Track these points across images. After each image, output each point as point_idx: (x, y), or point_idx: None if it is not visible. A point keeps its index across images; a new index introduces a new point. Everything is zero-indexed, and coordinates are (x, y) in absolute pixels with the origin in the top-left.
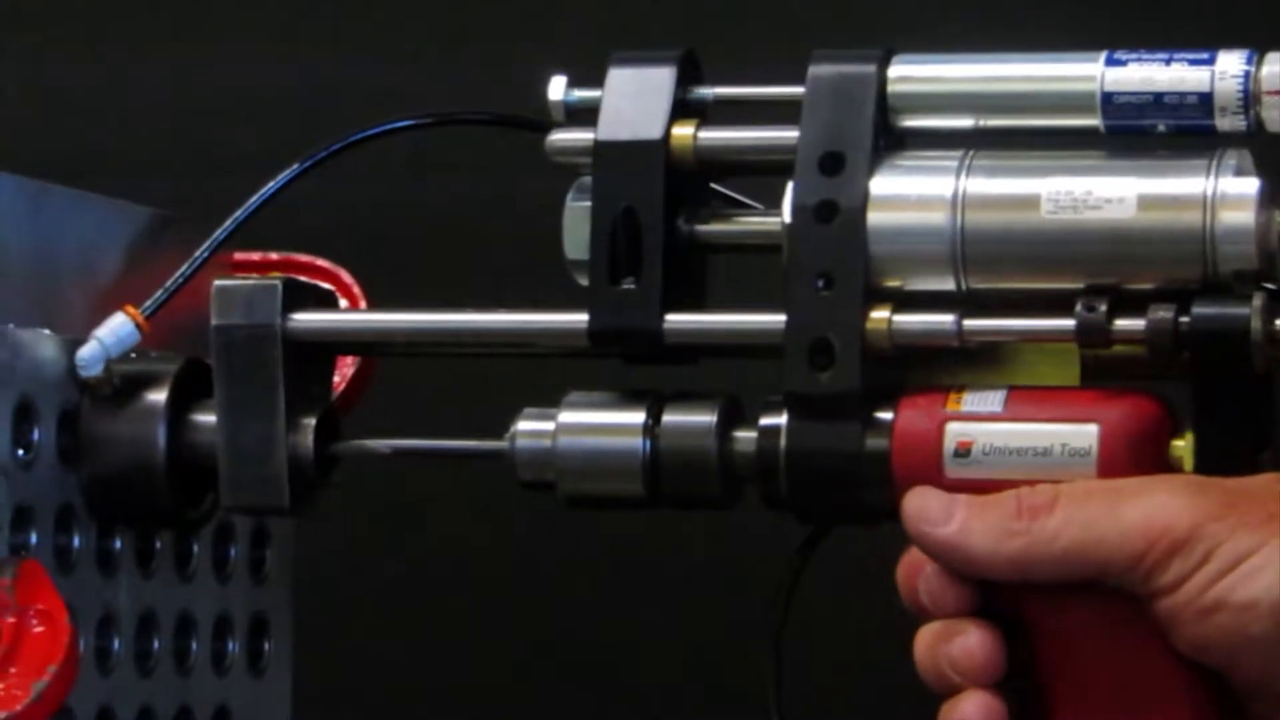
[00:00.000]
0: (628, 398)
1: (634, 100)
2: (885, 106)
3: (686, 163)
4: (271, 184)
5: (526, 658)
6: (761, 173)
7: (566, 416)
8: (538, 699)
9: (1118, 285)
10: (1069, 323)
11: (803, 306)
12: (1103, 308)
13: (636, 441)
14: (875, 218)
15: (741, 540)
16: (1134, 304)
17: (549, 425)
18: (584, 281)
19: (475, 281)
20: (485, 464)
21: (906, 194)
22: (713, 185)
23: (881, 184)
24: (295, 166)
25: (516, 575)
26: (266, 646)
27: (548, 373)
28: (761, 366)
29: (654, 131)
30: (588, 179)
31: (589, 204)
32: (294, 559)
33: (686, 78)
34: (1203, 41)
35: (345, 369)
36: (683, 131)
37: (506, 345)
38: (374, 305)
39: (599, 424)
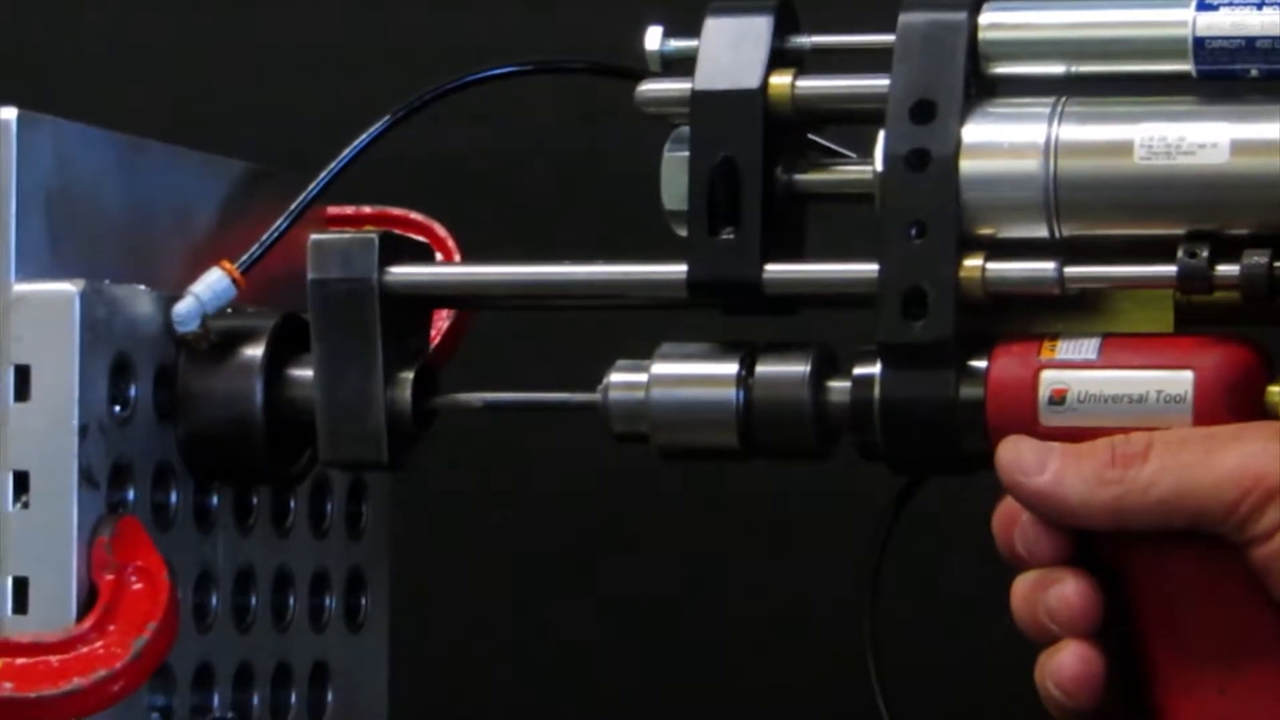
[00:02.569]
0: (721, 349)
1: (731, 50)
2: (976, 54)
3: (784, 112)
4: (363, 136)
5: (618, 614)
6: (859, 121)
7: (659, 368)
8: (623, 657)
9: (1217, 231)
10: (1170, 269)
11: (896, 255)
12: (1204, 254)
13: (730, 392)
14: (968, 165)
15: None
16: (1232, 249)
17: (642, 377)
18: (682, 232)
19: (568, 233)
20: (579, 416)
21: (999, 141)
22: (810, 136)
23: (973, 131)
24: (386, 118)
25: (606, 530)
26: (363, 602)
27: (635, 327)
28: (865, 316)
29: (752, 81)
30: (684, 129)
31: (686, 154)
32: (391, 514)
33: (783, 27)
34: None
35: (440, 323)
36: (780, 81)
37: (605, 297)
38: (468, 258)
39: (692, 375)
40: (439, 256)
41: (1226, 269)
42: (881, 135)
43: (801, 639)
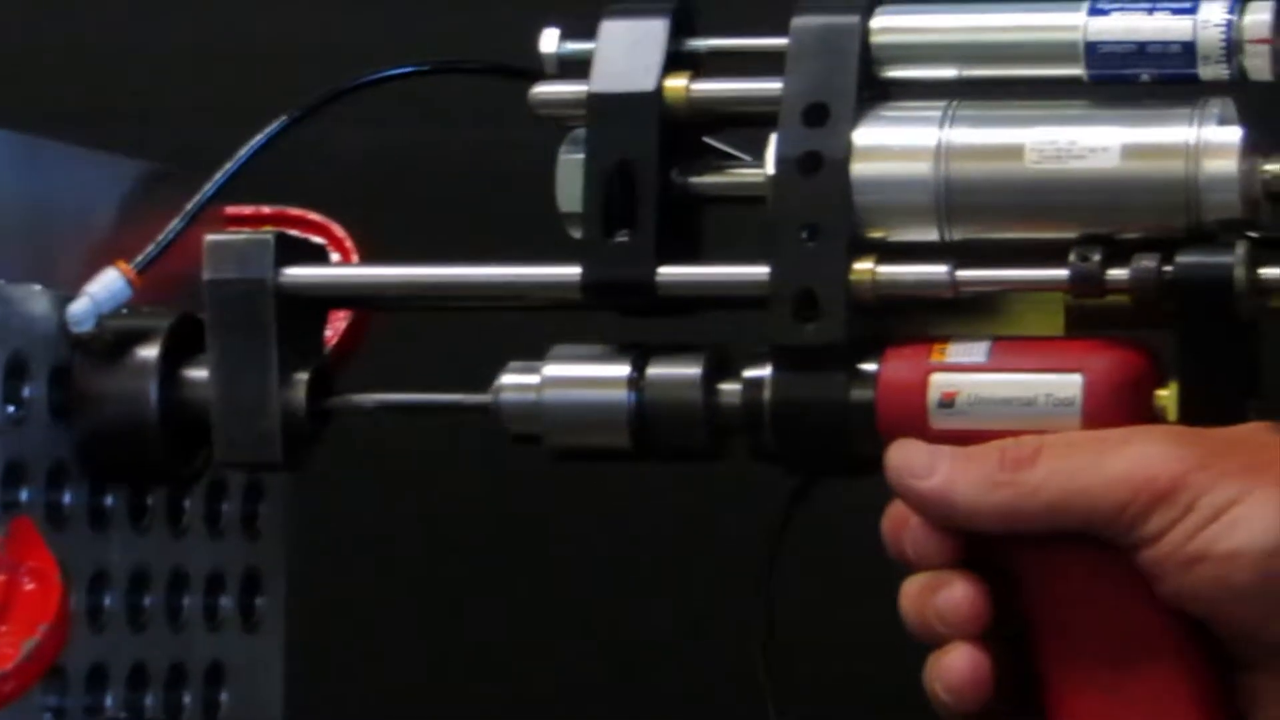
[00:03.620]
0: (614, 351)
1: (627, 52)
2: (869, 57)
3: (680, 114)
4: (259, 137)
5: (520, 616)
6: (754, 124)
7: (551, 370)
8: (531, 658)
9: (1109, 235)
10: (1062, 272)
11: (787, 258)
12: (1096, 257)
13: (622, 394)
14: (859, 168)
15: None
16: (1123, 253)
17: (534, 379)
18: (577, 234)
19: (468, 234)
20: (472, 418)
21: (890, 144)
22: (706, 139)
23: (865, 135)
24: (283, 118)
25: (511, 532)
26: (259, 602)
27: (547, 327)
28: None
29: (648, 83)
30: (581, 131)
31: (582, 156)
32: (289, 514)
33: (680, 29)
34: None
35: (338, 323)
36: (676, 83)
37: (499, 298)
38: (367, 259)
39: (584, 377)
40: (337, 257)
41: (1118, 272)
42: (774, 138)
43: (706, 639)
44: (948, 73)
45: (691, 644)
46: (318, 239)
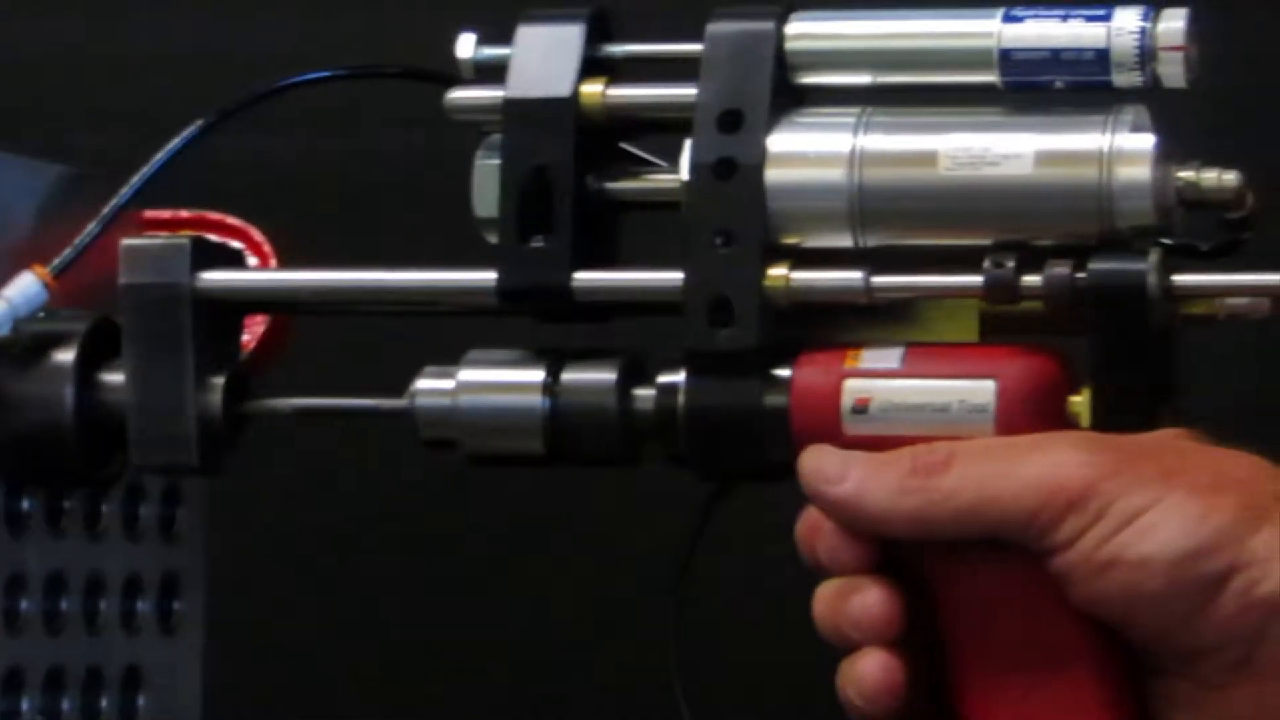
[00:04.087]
0: (529, 356)
1: (543, 58)
2: (784, 63)
3: (596, 120)
4: (176, 141)
5: (439, 614)
6: (670, 130)
7: (466, 375)
8: (447, 657)
9: (1023, 241)
10: (977, 279)
11: (701, 264)
12: (1010, 264)
13: (536, 399)
14: (773, 175)
15: (656, 498)
16: (1038, 260)
17: (449, 384)
18: (493, 240)
19: (388, 239)
20: (388, 423)
21: (804, 151)
22: (623, 145)
23: (780, 141)
24: (200, 122)
25: (427, 533)
26: (177, 606)
27: (479, 331)
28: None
29: (564, 89)
30: (497, 137)
31: (498, 162)
32: (207, 517)
33: (596, 35)
34: None
35: (257, 327)
36: (592, 89)
37: (415, 303)
38: (286, 263)
39: (499, 382)
40: (255, 261)
41: (1032, 279)
42: (688, 144)
43: (625, 638)
44: (863, 79)
45: (610, 644)
46: (236, 243)
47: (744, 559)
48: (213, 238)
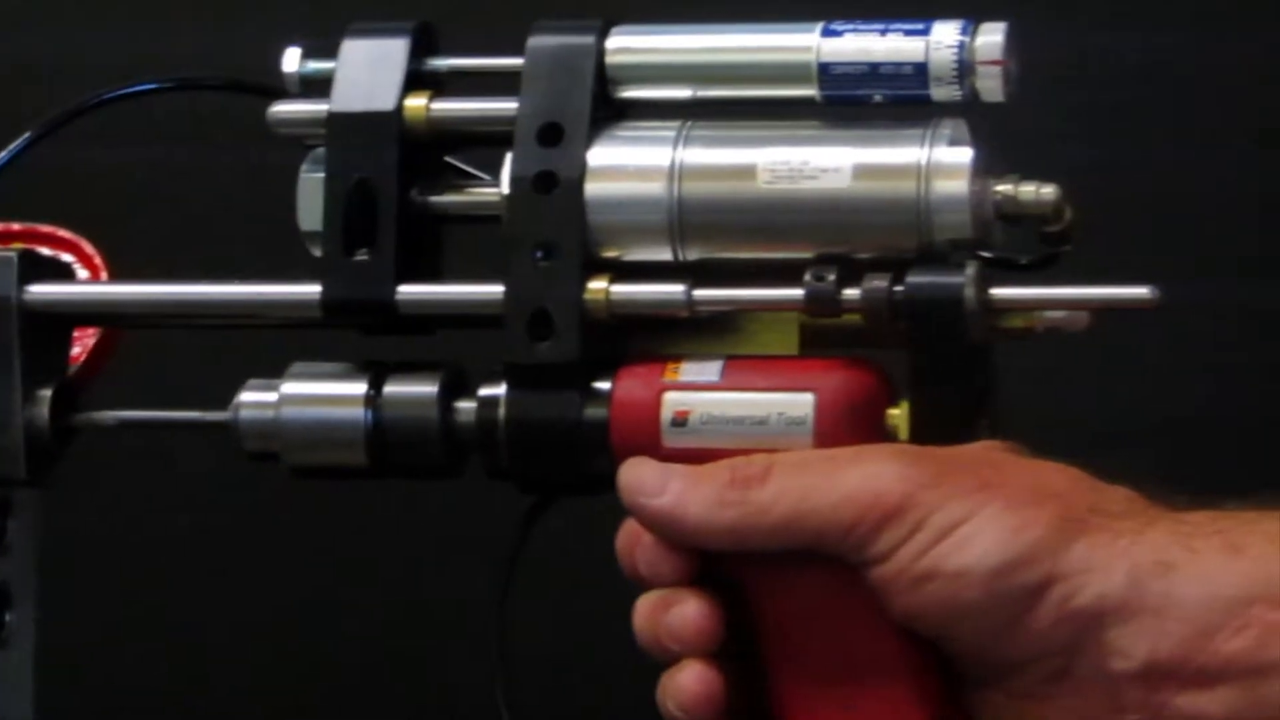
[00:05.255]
0: (352, 369)
1: (368, 71)
2: (604, 77)
3: (420, 134)
4: (3, 153)
5: (265, 625)
6: (493, 143)
7: (289, 387)
8: (276, 666)
9: (844, 255)
10: (798, 292)
11: (521, 277)
12: (831, 277)
13: (359, 412)
14: (593, 188)
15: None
16: (857, 273)
17: (272, 396)
18: (318, 253)
19: (219, 250)
20: (212, 435)
21: (624, 164)
22: (447, 159)
23: (600, 155)
24: (28, 134)
25: (259, 545)
26: (8, 617)
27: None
28: None
29: (387, 102)
30: (322, 150)
31: (322, 175)
32: (40, 529)
33: (421, 49)
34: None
35: (88, 339)
36: (416, 103)
37: (241, 316)
38: (118, 276)
39: (322, 395)
40: (85, 274)
41: (851, 292)
42: (509, 157)
43: (458, 639)
44: (683, 93)
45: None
46: (67, 256)
47: (561, 574)
48: (44, 250)
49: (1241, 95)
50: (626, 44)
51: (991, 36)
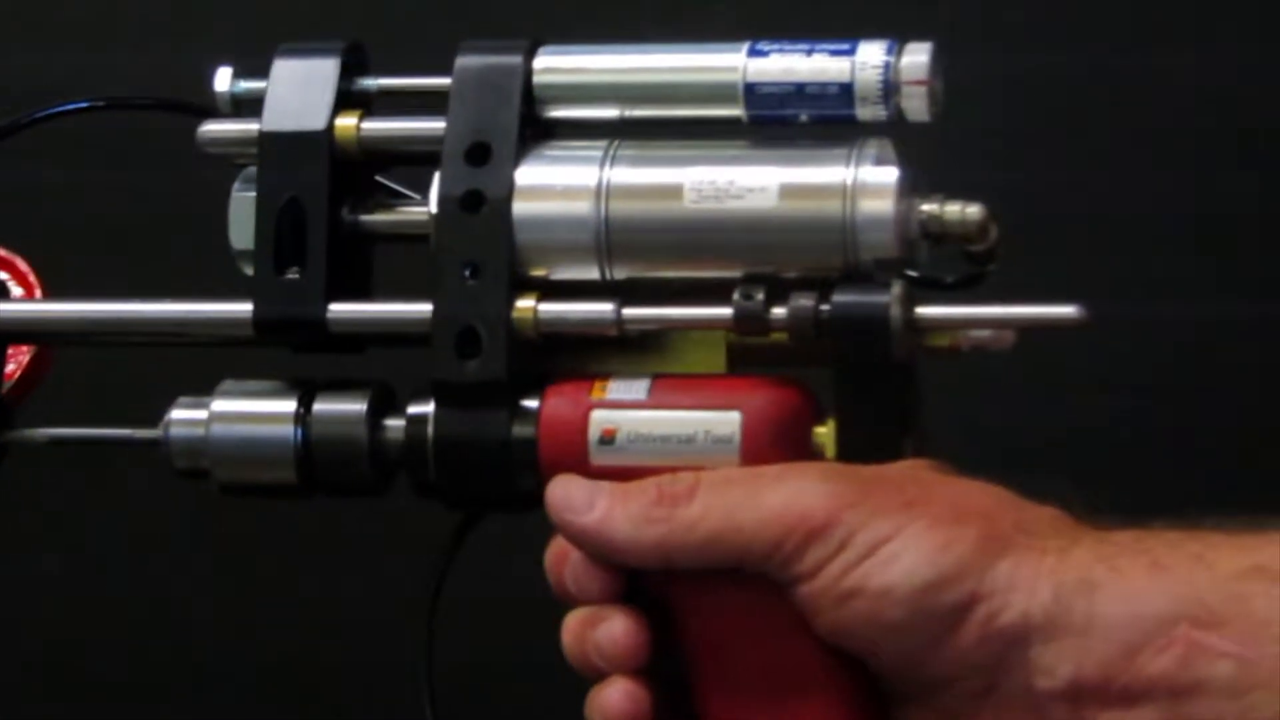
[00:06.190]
0: (282, 386)
1: (299, 91)
2: (532, 97)
3: (350, 153)
4: None
5: (190, 646)
6: (422, 162)
7: (219, 405)
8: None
9: (773, 274)
10: (726, 311)
11: (449, 296)
12: (760, 296)
13: (288, 429)
14: (521, 207)
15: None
16: (786, 292)
17: (202, 414)
18: (249, 271)
19: (153, 269)
20: (143, 452)
21: (552, 184)
22: (378, 178)
23: (527, 174)
24: None
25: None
26: None
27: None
28: None
29: (318, 122)
30: (254, 169)
31: (254, 194)
32: None
33: (351, 69)
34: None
35: (22, 357)
36: (346, 122)
37: (174, 334)
38: (51, 294)
39: (251, 412)
40: (20, 292)
41: (779, 311)
42: (437, 176)
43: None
44: (610, 113)
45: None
46: (1, 274)
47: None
48: None
49: (1164, 113)
50: (553, 64)
51: (917, 57)
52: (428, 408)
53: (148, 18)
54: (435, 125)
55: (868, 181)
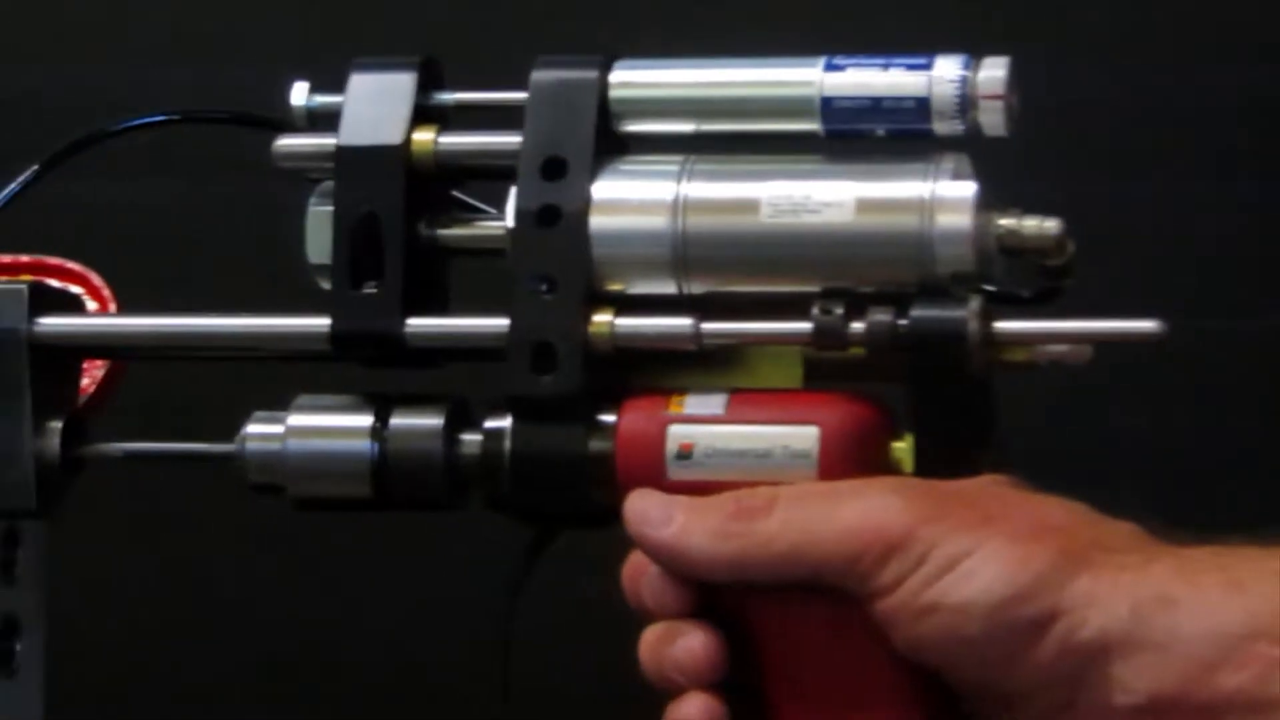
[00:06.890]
0: (358, 401)
1: (375, 105)
2: (607, 111)
3: (427, 168)
4: (12, 185)
5: (272, 656)
6: (498, 177)
7: (295, 419)
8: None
9: (850, 288)
10: (805, 326)
11: (525, 310)
12: (839, 311)
13: (364, 444)
14: (597, 222)
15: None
16: (863, 307)
17: (278, 429)
18: (326, 286)
19: (227, 282)
20: (218, 467)
21: (628, 198)
22: (454, 193)
23: (603, 188)
24: (34, 167)
25: (269, 573)
26: (18, 647)
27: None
28: None
29: (395, 137)
30: (330, 183)
31: (330, 208)
32: (48, 560)
33: (427, 83)
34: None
35: (96, 371)
36: (423, 137)
37: (250, 348)
38: (125, 307)
39: (327, 427)
40: (94, 306)
41: (857, 325)
42: (513, 191)
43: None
44: (686, 127)
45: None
46: (75, 288)
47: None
48: (52, 283)
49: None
50: (629, 78)
51: (994, 71)
52: (504, 422)
53: (208, 33)
54: (511, 140)
55: (945, 196)
